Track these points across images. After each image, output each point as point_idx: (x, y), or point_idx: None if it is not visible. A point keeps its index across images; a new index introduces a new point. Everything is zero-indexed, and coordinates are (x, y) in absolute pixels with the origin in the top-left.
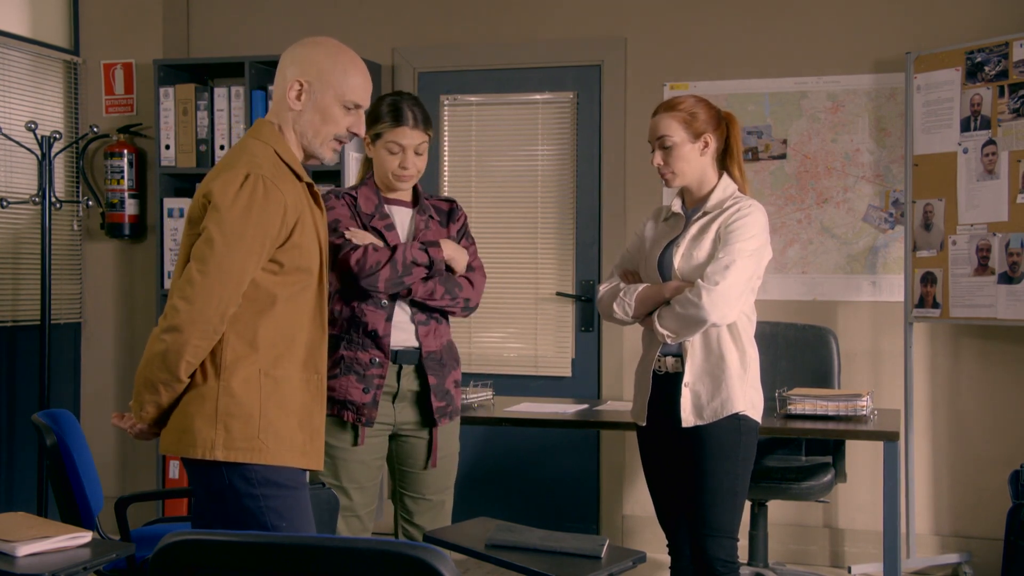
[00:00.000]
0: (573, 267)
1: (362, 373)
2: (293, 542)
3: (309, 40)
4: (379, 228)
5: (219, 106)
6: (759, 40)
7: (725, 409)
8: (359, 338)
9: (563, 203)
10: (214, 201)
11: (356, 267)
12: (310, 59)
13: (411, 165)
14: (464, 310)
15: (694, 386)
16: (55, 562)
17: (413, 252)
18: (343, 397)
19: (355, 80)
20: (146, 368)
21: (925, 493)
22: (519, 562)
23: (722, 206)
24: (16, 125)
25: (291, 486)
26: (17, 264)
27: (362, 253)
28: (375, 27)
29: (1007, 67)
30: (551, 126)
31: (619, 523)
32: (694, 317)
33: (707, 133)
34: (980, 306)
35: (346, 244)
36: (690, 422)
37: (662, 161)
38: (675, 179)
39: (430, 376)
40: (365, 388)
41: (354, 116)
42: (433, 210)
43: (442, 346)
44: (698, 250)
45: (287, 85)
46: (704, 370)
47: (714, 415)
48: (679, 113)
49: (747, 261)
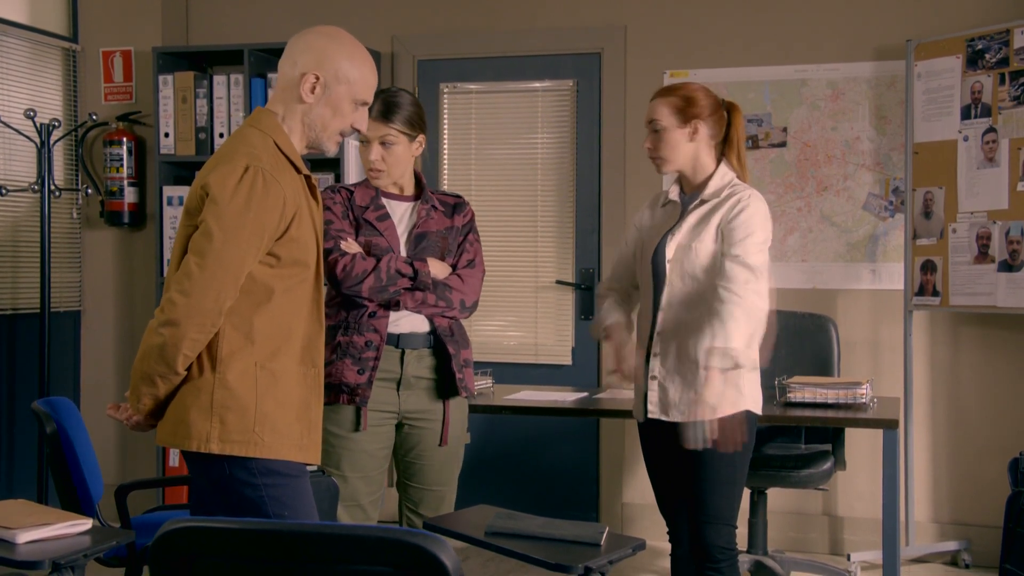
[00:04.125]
0: (573, 255)
1: (357, 356)
2: (293, 529)
3: (323, 31)
4: (371, 220)
5: (218, 94)
6: (759, 28)
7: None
8: (355, 322)
9: (563, 191)
10: (212, 194)
11: (342, 274)
12: (327, 54)
13: (376, 157)
14: (463, 310)
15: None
16: (55, 549)
17: (398, 263)
18: (337, 380)
19: (369, 79)
20: (143, 361)
21: (924, 481)
22: (519, 549)
23: (720, 194)
24: (15, 113)
25: (292, 474)
26: (16, 252)
27: (349, 260)
28: (375, 15)
29: (1008, 54)
30: (551, 114)
31: (618, 511)
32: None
33: (699, 119)
34: (980, 294)
35: (335, 249)
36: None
37: (651, 144)
38: (664, 164)
39: (449, 347)
40: (360, 369)
41: (360, 112)
42: (437, 202)
43: (450, 324)
44: (698, 242)
45: (299, 75)
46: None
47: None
48: (673, 98)
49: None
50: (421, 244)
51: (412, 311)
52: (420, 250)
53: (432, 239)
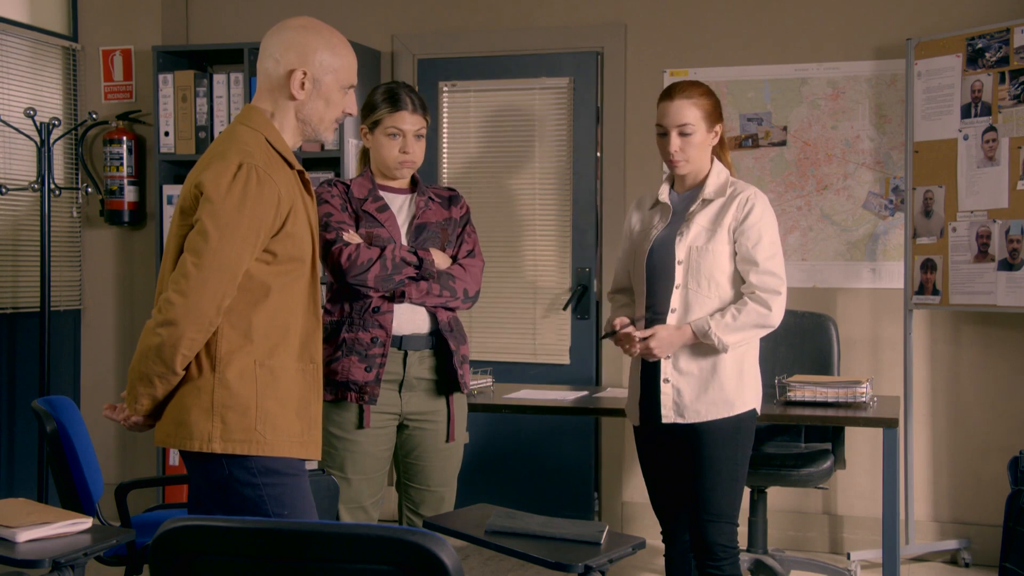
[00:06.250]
0: (571, 255)
1: (363, 353)
2: (293, 528)
3: (295, 24)
4: (371, 211)
5: (218, 93)
6: (759, 26)
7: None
8: (360, 319)
9: (561, 190)
10: (207, 193)
11: (346, 263)
12: (309, 47)
13: (411, 150)
14: (465, 300)
15: (676, 383)
16: (55, 548)
17: (402, 252)
18: (345, 378)
19: (352, 62)
20: (141, 361)
21: (924, 480)
22: (518, 548)
23: (723, 192)
24: (15, 112)
25: (291, 473)
26: (16, 251)
27: (354, 249)
28: (374, 14)
29: (1008, 53)
30: (550, 112)
31: (618, 510)
32: (766, 326)
33: (720, 123)
34: (980, 293)
35: (338, 240)
36: (670, 419)
37: (679, 147)
38: (686, 166)
39: (450, 342)
40: (367, 367)
41: (349, 96)
42: (433, 194)
43: (450, 319)
44: (714, 243)
45: (285, 73)
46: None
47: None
48: (701, 100)
49: (780, 255)
50: (422, 235)
51: (416, 302)
52: (421, 241)
53: (432, 230)
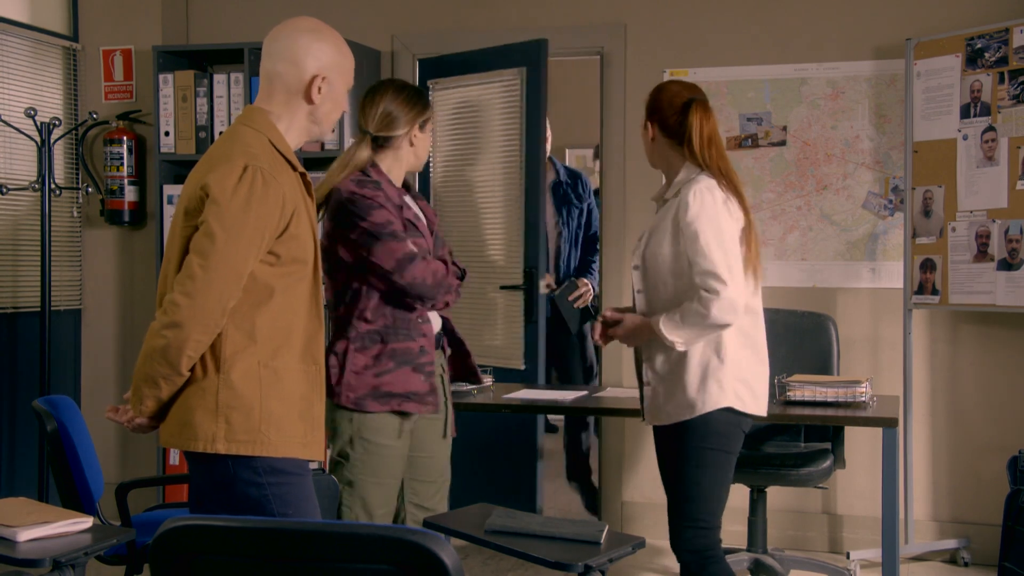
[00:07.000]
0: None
1: (415, 362)
2: (294, 527)
3: (304, 27)
4: (411, 219)
5: (218, 92)
6: (759, 26)
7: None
8: (405, 328)
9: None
10: (212, 194)
11: (433, 279)
12: (325, 52)
13: None
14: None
15: (655, 386)
16: (56, 547)
17: (453, 268)
18: (404, 390)
19: (352, 63)
20: (146, 363)
21: (924, 479)
22: (519, 548)
23: (677, 192)
24: (15, 111)
25: (295, 472)
26: (17, 251)
27: (440, 267)
28: (374, 13)
29: (1007, 53)
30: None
31: (618, 509)
32: (709, 326)
33: (648, 120)
34: (979, 293)
35: (421, 255)
36: (649, 421)
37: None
38: (657, 166)
39: (464, 341)
40: (424, 377)
41: (346, 95)
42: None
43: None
44: (658, 247)
45: (308, 78)
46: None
47: (668, 418)
48: (647, 99)
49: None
50: (438, 242)
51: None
52: (439, 247)
53: (440, 236)
